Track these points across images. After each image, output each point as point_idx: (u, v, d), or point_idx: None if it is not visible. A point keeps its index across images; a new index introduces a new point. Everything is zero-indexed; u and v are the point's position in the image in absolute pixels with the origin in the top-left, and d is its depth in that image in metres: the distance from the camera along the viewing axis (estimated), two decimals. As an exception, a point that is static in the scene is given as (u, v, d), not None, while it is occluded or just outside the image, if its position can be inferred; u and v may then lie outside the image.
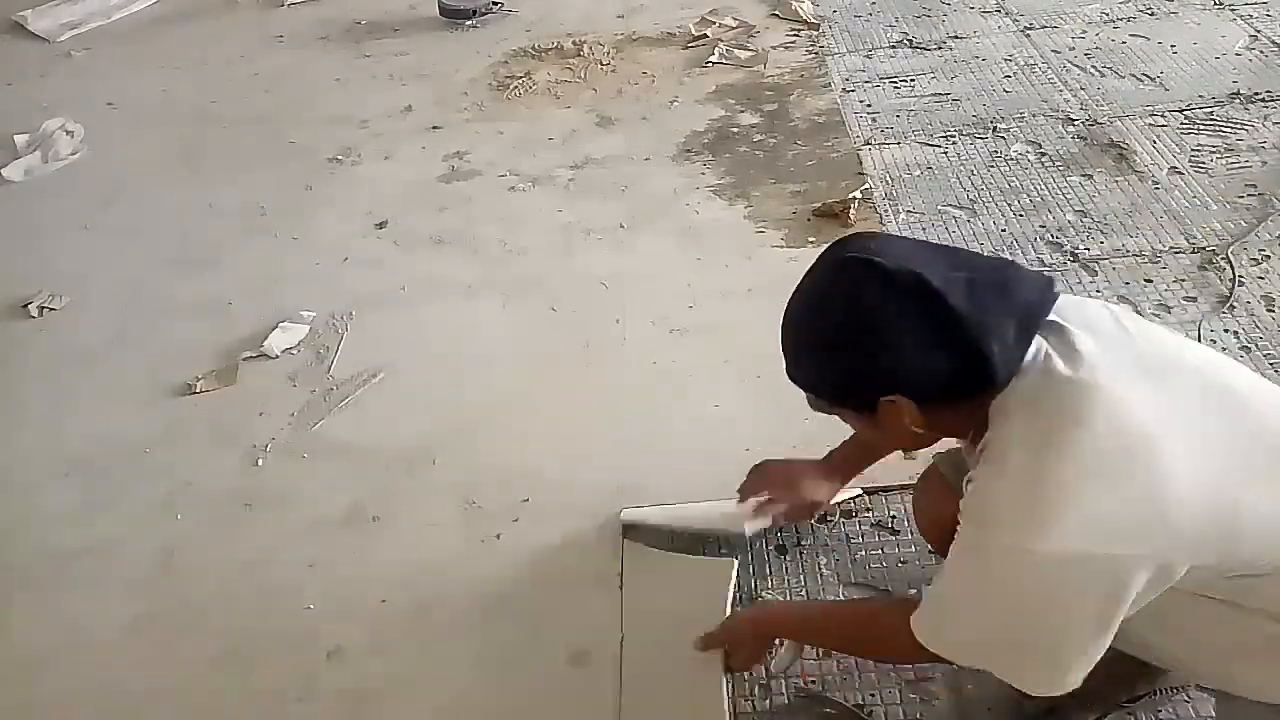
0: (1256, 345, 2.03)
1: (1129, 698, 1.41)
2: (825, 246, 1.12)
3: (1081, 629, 1.02)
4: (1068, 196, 2.54)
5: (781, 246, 2.50)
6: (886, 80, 3.19)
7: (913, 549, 1.71)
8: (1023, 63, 3.18)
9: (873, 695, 1.50)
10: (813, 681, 1.53)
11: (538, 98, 3.36)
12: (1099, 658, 1.05)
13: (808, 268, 1.12)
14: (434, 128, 3.25)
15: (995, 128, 2.86)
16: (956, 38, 3.38)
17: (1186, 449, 1.00)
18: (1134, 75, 3.03)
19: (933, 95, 3.07)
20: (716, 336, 2.24)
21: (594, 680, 1.57)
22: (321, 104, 3.50)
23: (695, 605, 1.62)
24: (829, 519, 1.78)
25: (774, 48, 3.48)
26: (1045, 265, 2.31)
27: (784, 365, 1.15)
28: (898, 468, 1.84)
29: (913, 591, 1.65)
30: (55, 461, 2.16)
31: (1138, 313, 2.11)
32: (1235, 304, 2.13)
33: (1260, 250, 2.28)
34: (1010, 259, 1.73)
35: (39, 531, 2.00)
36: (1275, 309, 2.11)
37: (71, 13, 4.41)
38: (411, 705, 1.60)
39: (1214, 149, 2.64)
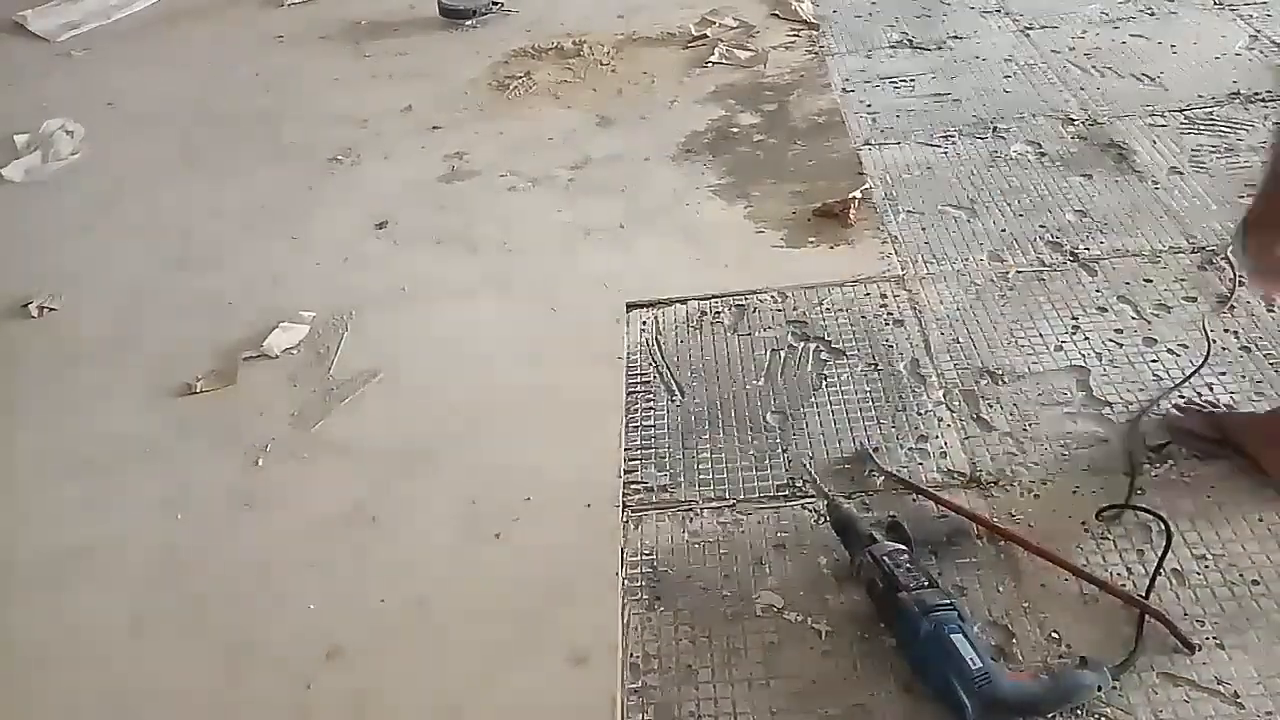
0: (1257, 345, 2.02)
1: None
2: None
3: None
4: (1068, 196, 2.54)
5: (781, 246, 2.50)
6: (886, 80, 3.19)
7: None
8: (1023, 63, 3.18)
9: (872, 695, 1.51)
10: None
11: (538, 98, 3.36)
12: None
13: None
14: (434, 128, 3.25)
15: (995, 128, 2.86)
16: (956, 38, 3.39)
17: None
18: (1134, 75, 3.03)
19: (933, 95, 3.07)
20: (716, 336, 2.24)
21: (594, 680, 1.58)
22: (321, 104, 3.50)
23: None
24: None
25: (774, 48, 3.48)
26: (1045, 265, 2.31)
27: None
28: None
29: None
30: (56, 461, 2.16)
31: (1137, 312, 2.14)
32: (1235, 304, 2.13)
33: (1260, 250, 2.28)
34: None
35: (40, 531, 2.00)
36: (1275, 309, 2.11)
37: (71, 13, 4.41)
38: (411, 705, 1.60)
39: (1214, 149, 2.64)
